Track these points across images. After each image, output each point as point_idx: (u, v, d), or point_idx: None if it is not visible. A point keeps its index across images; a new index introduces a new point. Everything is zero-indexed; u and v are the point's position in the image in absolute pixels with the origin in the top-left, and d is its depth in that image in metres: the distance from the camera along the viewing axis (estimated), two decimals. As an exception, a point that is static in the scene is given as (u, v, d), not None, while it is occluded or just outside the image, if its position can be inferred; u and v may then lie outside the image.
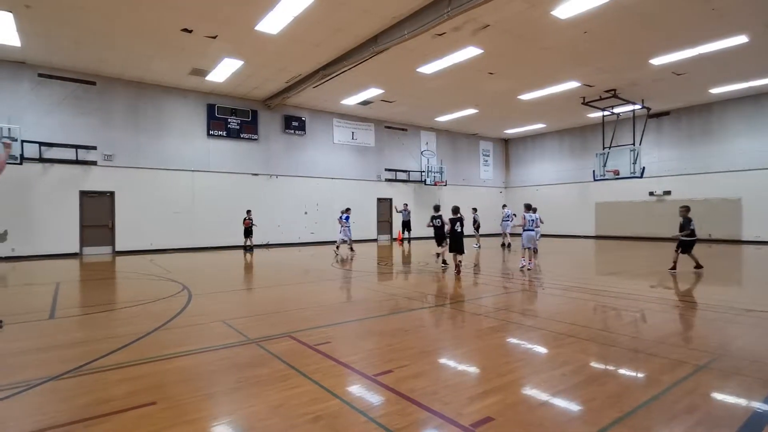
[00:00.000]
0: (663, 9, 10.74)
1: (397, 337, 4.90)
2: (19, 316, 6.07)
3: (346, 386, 3.47)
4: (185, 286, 8.41)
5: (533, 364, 4.07)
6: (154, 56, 13.71)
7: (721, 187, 19.16)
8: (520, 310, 6.38)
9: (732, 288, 8.80)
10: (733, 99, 18.76)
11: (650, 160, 20.36)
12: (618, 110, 19.16)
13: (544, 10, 10.65)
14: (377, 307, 6.62)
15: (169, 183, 16.78)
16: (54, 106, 14.62)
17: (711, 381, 3.55)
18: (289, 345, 4.55)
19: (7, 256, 13.81)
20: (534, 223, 11.73)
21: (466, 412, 2.97)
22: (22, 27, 11.47)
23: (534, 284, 8.67)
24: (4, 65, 13.82)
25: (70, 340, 4.97)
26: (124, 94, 15.92)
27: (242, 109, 18.42)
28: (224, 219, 17.61)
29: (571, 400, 3.20)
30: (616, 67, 14.86)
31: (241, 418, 2.99)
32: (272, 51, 13.15)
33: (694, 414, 2.93)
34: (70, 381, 3.62)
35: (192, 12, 10.74)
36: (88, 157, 15.21)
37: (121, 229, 15.83)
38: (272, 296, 7.79)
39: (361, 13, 10.84)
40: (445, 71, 14.84)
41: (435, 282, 9.09)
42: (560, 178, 25.90)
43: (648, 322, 5.70)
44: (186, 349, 4.45)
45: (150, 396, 3.27)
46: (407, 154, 24.14)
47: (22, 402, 3.24)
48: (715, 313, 5.95)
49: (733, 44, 12.63)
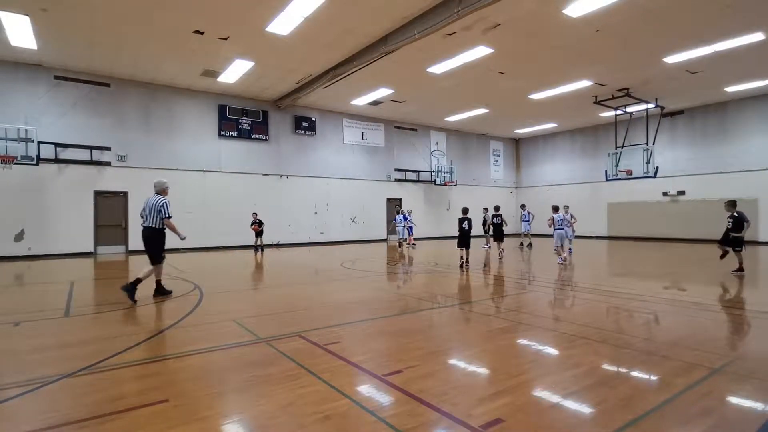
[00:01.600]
0: (676, 6, 10.57)
1: (406, 337, 4.89)
2: (34, 313, 6.19)
3: (356, 386, 3.47)
4: (197, 285, 8.50)
5: (544, 365, 4.03)
6: (167, 58, 13.88)
7: (737, 187, 18.79)
8: (531, 311, 6.33)
9: (747, 290, 8.63)
10: (749, 97, 18.42)
11: (664, 160, 20.06)
12: (631, 109, 18.91)
13: (555, 8, 10.56)
14: (387, 307, 6.62)
15: (180, 183, 16.93)
16: (69, 108, 14.88)
17: (726, 384, 3.48)
18: (299, 344, 4.56)
19: (24, 255, 14.08)
20: (563, 222, 12.27)
21: (475, 413, 2.95)
22: (39, 30, 11.68)
23: (545, 286, 8.60)
24: (21, 68, 14.10)
25: (84, 337, 5.04)
26: (137, 95, 16.14)
27: (253, 110, 18.56)
28: (235, 219, 17.75)
29: (583, 402, 3.16)
30: (628, 66, 14.67)
31: (252, 416, 3.00)
32: (283, 52, 13.23)
33: (708, 417, 2.88)
34: (84, 378, 3.67)
35: (203, 14, 10.84)
36: (102, 157, 15.45)
37: (135, 229, 16.01)
38: (282, 296, 7.83)
39: (371, 14, 10.85)
40: (455, 71, 14.79)
41: (445, 282, 9.06)
42: (572, 178, 25.65)
43: (661, 323, 5.62)
44: (197, 347, 4.49)
45: (162, 393, 3.31)
46: (417, 154, 24.10)
47: (37, 398, 3.29)
48: (729, 315, 5.84)
49: (748, 42, 12.40)
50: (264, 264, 12.84)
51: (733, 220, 9.41)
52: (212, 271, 11.37)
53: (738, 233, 9.34)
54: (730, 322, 5.59)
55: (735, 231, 9.39)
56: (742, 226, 9.27)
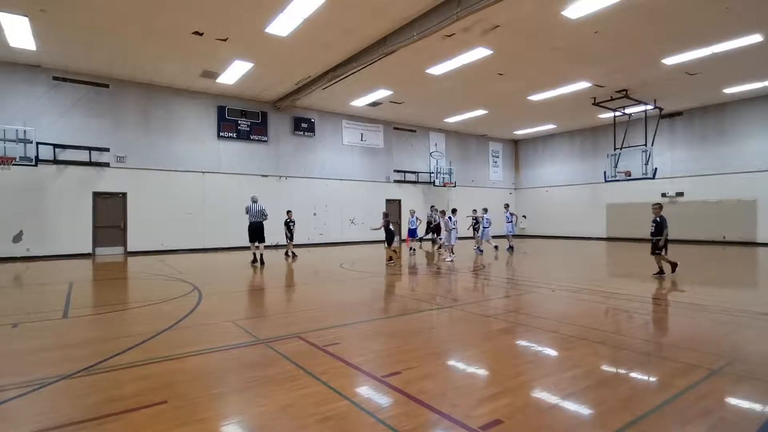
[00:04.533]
0: (675, 8, 10.60)
1: (405, 338, 4.89)
2: (33, 315, 6.18)
3: (355, 387, 3.47)
4: (196, 286, 8.49)
5: (543, 366, 4.03)
6: (166, 59, 13.87)
7: (736, 188, 18.84)
8: (530, 312, 6.33)
9: (746, 291, 8.65)
10: (748, 99, 18.45)
11: (662, 161, 20.09)
12: (630, 111, 18.94)
13: (554, 10, 10.58)
14: (386, 309, 6.62)
15: (180, 184, 16.96)
16: (68, 109, 14.86)
17: (725, 385, 3.48)
18: (298, 345, 4.56)
19: (22, 256, 14.05)
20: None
21: (475, 414, 2.96)
22: (38, 31, 11.67)
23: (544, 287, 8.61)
24: (20, 68, 14.08)
25: (82, 339, 5.04)
26: (136, 96, 16.13)
27: (252, 111, 18.55)
28: (234, 220, 17.70)
29: (582, 403, 3.16)
30: (627, 67, 14.70)
31: (251, 417, 3.00)
32: (282, 53, 13.23)
33: (707, 418, 2.89)
34: (83, 379, 3.66)
35: (203, 15, 10.84)
36: (101, 158, 15.42)
37: (133, 230, 16.01)
38: (281, 297, 7.83)
39: (371, 15, 10.86)
40: (454, 72, 14.80)
41: (444, 283, 9.06)
42: (571, 180, 25.68)
43: (660, 324, 5.63)
44: (196, 348, 4.49)
45: (161, 395, 3.30)
46: (416, 155, 24.12)
47: (36, 400, 3.29)
48: (729, 316, 5.85)
49: (747, 43, 12.42)
50: (263, 265, 12.79)
51: (656, 225, 9.29)
52: (211, 272, 11.35)
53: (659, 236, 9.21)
54: (729, 323, 5.60)
55: (657, 234, 9.25)
56: (662, 229, 9.15)
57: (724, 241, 18.95)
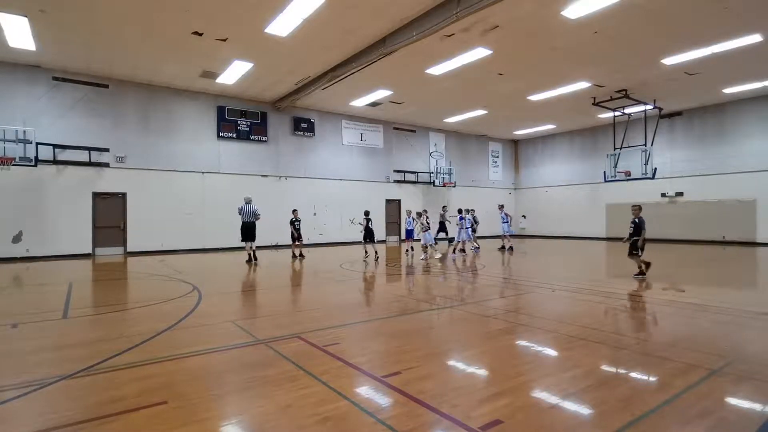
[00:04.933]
0: (675, 8, 10.60)
1: (405, 338, 4.89)
2: (33, 315, 6.18)
3: (355, 387, 3.47)
4: (195, 286, 8.48)
5: (543, 366, 4.03)
6: (165, 59, 13.87)
7: (735, 188, 18.85)
8: (530, 312, 6.33)
9: (745, 291, 8.66)
10: (747, 99, 18.45)
11: (662, 161, 20.09)
12: (629, 110, 18.94)
13: (553, 10, 10.58)
14: (386, 309, 6.62)
15: (179, 184, 16.94)
16: (68, 109, 14.85)
17: (725, 385, 3.49)
18: (298, 346, 4.56)
19: (22, 256, 14.04)
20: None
21: (475, 414, 2.96)
22: (37, 31, 11.66)
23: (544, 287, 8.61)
24: (20, 69, 14.07)
25: (82, 339, 5.04)
26: (136, 96, 16.12)
27: (252, 111, 18.55)
28: (234, 220, 17.68)
29: (582, 403, 3.17)
30: (627, 68, 14.70)
31: (251, 418, 3.00)
32: (282, 53, 13.23)
33: (707, 419, 2.89)
34: (82, 380, 3.66)
35: (203, 15, 10.84)
36: (101, 159, 15.41)
37: (133, 230, 16.00)
38: (281, 297, 7.83)
39: (371, 15, 10.86)
40: (454, 72, 14.80)
41: (443, 283, 9.06)
42: (570, 179, 25.68)
43: (659, 324, 5.63)
44: (196, 349, 4.49)
45: (161, 395, 3.30)
46: (416, 155, 24.11)
47: (36, 400, 3.29)
48: (728, 316, 5.85)
49: (746, 43, 12.42)
50: (262, 266, 12.81)
51: (634, 226, 9.16)
52: (211, 272, 11.35)
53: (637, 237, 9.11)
54: (729, 323, 5.60)
55: (635, 235, 9.12)
56: (640, 230, 9.04)
57: (724, 241, 18.96)
